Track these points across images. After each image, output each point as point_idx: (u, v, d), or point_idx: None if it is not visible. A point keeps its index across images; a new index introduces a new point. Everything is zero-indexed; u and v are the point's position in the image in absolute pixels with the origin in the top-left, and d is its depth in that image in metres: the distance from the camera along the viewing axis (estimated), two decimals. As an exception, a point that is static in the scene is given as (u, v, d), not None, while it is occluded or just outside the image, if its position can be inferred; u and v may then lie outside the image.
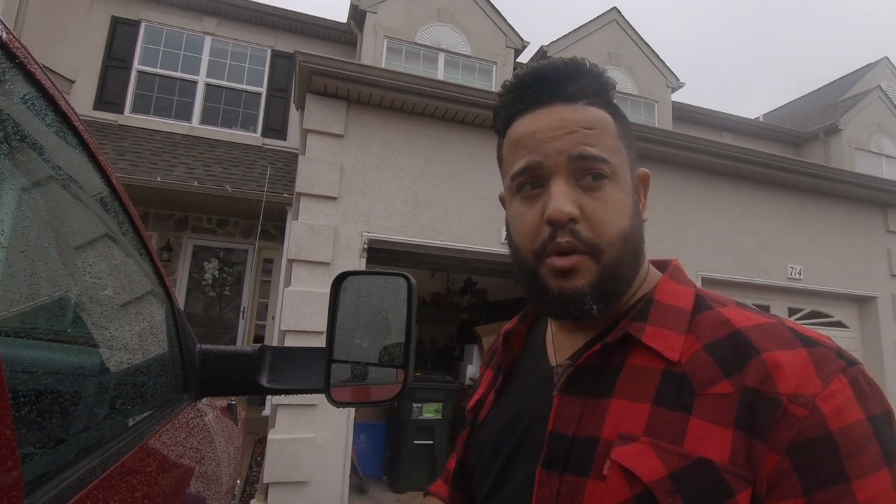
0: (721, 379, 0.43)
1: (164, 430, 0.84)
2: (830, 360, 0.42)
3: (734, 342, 0.45)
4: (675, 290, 0.53)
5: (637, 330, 0.49)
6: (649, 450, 0.43)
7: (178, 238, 6.41)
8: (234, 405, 1.65)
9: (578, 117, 0.51)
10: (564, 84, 0.53)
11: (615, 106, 0.56)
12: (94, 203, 0.82)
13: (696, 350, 0.46)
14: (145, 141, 6.20)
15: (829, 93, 11.87)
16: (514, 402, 0.59)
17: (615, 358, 0.50)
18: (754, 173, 5.11)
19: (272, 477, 3.34)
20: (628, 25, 8.52)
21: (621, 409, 0.46)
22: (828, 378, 0.41)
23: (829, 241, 5.46)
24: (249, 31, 7.31)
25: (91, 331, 0.78)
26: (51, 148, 0.66)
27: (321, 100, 3.88)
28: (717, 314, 0.49)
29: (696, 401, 0.43)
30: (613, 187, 0.51)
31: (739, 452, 0.40)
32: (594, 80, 0.54)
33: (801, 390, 0.40)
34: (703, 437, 0.42)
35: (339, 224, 3.76)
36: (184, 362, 1.09)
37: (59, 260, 0.72)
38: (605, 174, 0.50)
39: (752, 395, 0.41)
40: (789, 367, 0.41)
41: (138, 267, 1.00)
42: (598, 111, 0.53)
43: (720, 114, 9.36)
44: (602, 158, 0.50)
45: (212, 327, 6.58)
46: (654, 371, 0.47)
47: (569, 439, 0.48)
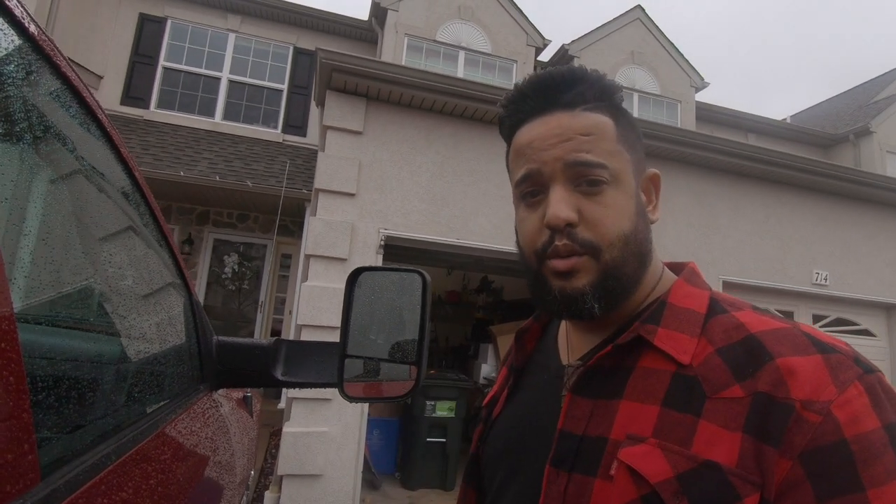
0: (733, 383, 0.43)
1: (180, 419, 0.85)
2: (847, 366, 0.41)
3: (748, 346, 0.44)
4: (690, 293, 0.53)
5: (649, 332, 0.49)
6: (657, 451, 0.43)
7: (199, 232, 6.53)
8: (250, 397, 1.67)
9: (575, 124, 0.53)
10: (562, 92, 0.54)
11: (619, 109, 0.56)
12: (117, 196, 0.84)
13: (708, 353, 0.46)
14: (170, 136, 6.32)
15: (860, 94, 11.51)
16: (526, 400, 0.60)
17: (627, 359, 0.50)
18: (779, 175, 4.99)
19: (286, 469, 3.38)
20: (652, 24, 8.38)
21: (631, 410, 0.47)
22: (843, 385, 0.40)
23: (857, 247, 5.30)
24: (272, 29, 7.40)
25: (111, 320, 0.80)
26: (76, 141, 0.68)
27: (341, 97, 3.91)
28: (732, 318, 0.48)
29: (707, 404, 0.43)
30: (614, 190, 0.52)
31: (748, 457, 0.40)
32: (593, 85, 0.55)
33: (816, 396, 0.40)
34: (711, 440, 0.42)
35: (356, 220, 3.78)
36: (201, 353, 1.11)
37: (83, 250, 0.73)
38: (603, 179, 0.51)
39: (764, 399, 0.41)
40: (803, 373, 0.41)
41: (159, 259, 1.01)
42: (597, 116, 0.54)
43: (745, 115, 9.15)
44: (598, 164, 0.51)
45: (231, 320, 6.69)
46: (664, 373, 0.47)
47: (578, 438, 0.49)
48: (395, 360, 1.00)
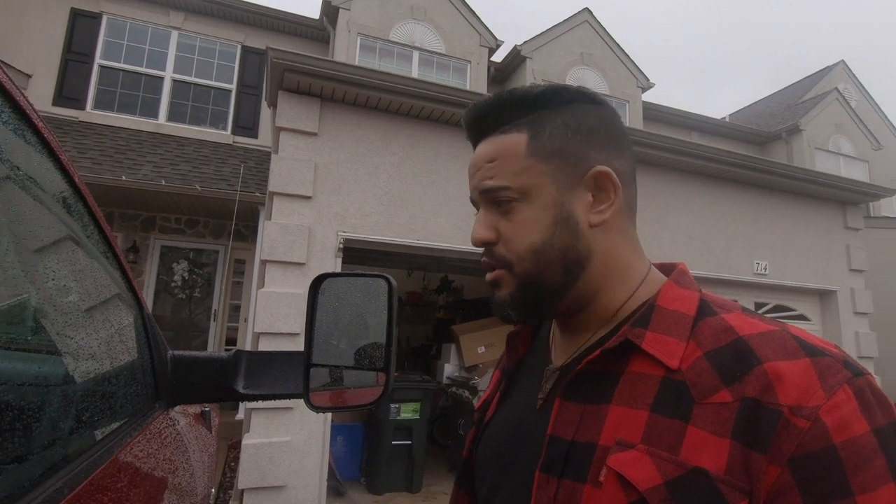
0: (721, 388, 0.43)
1: (136, 441, 0.80)
2: (835, 370, 0.41)
3: (736, 350, 0.44)
4: (679, 295, 0.52)
5: (637, 336, 0.49)
6: (646, 457, 0.43)
7: (144, 239, 6.21)
8: (208, 412, 1.60)
9: (485, 152, 0.57)
10: (480, 123, 0.58)
11: (540, 121, 0.55)
12: (54, 203, 0.77)
13: (697, 357, 0.46)
14: (109, 138, 5.97)
15: (790, 94, 12.31)
16: (518, 404, 0.60)
17: (616, 364, 0.50)
18: (723, 172, 5.26)
19: (247, 482, 3.27)
20: (599, 26, 8.64)
21: (620, 415, 0.46)
22: (832, 389, 0.40)
23: (793, 238, 5.66)
24: (218, 27, 7.13)
25: (53, 338, 0.74)
26: (7, 145, 0.62)
27: (294, 97, 3.81)
28: (721, 321, 0.48)
29: (695, 409, 0.43)
30: (524, 206, 0.54)
31: (736, 463, 0.40)
32: (513, 104, 0.56)
33: (804, 402, 0.39)
34: (699, 446, 0.41)
35: (313, 224, 3.69)
36: (155, 369, 1.04)
37: (18, 263, 0.67)
38: (511, 198, 0.54)
39: (751, 405, 0.41)
40: (791, 378, 0.41)
41: (104, 270, 0.95)
42: (507, 138, 0.56)
43: (689, 114, 9.59)
44: (500, 187, 0.55)
45: (182, 330, 6.40)
46: (653, 378, 0.47)
47: (567, 444, 0.48)
48: (363, 367, 0.97)
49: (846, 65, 12.01)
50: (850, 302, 5.80)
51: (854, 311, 5.79)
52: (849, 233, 6.01)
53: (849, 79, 11.88)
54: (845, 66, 12.00)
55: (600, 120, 0.56)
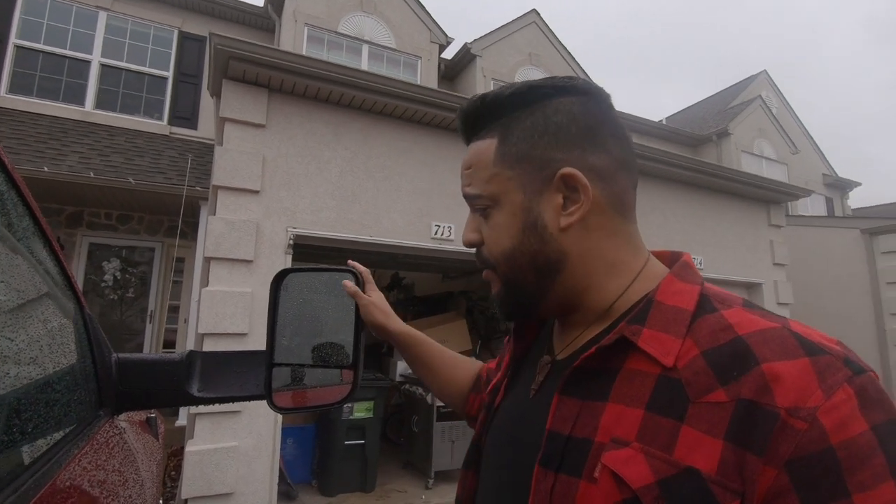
0: (717, 387, 0.42)
1: (83, 454, 0.73)
2: (835, 369, 0.40)
3: (734, 350, 0.44)
4: (679, 290, 0.51)
5: (634, 333, 0.48)
6: (640, 456, 0.43)
7: (70, 236, 5.74)
8: (154, 418, 1.49)
9: (465, 159, 0.59)
10: (465, 126, 0.60)
11: (509, 125, 0.56)
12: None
13: (693, 356, 0.45)
14: (28, 126, 5.47)
15: (720, 100, 13.14)
16: (520, 394, 0.61)
17: (613, 360, 0.49)
18: (662, 171, 5.53)
19: (191, 492, 3.10)
20: (546, 27, 8.85)
21: (616, 413, 0.46)
22: (831, 389, 0.39)
23: (724, 234, 6.05)
24: (152, 10, 6.69)
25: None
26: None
27: (239, 87, 3.63)
28: (720, 318, 0.47)
29: (690, 408, 0.43)
30: (497, 212, 0.56)
31: (729, 464, 0.39)
32: (485, 108, 0.57)
33: (802, 403, 0.39)
34: (693, 445, 0.41)
35: (261, 219, 3.55)
36: (98, 374, 0.96)
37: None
38: (486, 205, 0.56)
39: (747, 406, 0.40)
40: (789, 379, 0.40)
41: (37, 266, 0.86)
42: (480, 144, 0.58)
43: (630, 116, 10.02)
44: (474, 195, 0.57)
45: (114, 333, 5.97)
46: (649, 376, 0.46)
47: (565, 439, 0.49)
48: (329, 364, 0.94)
49: (768, 74, 12.97)
50: (774, 293, 6.27)
51: (777, 302, 6.26)
52: (772, 229, 6.50)
53: (770, 87, 12.84)
54: (767, 75, 12.96)
55: (575, 114, 0.54)
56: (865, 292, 7.85)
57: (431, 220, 4.20)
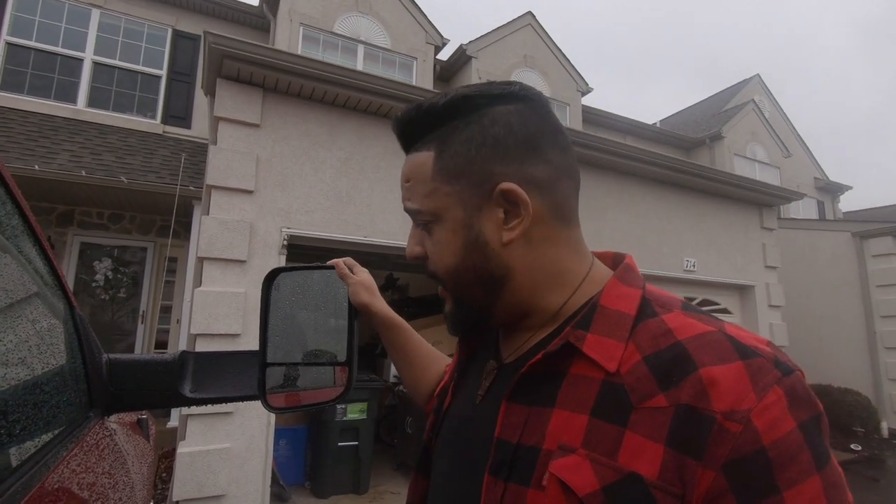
0: (657, 392, 0.43)
1: (72, 456, 0.72)
2: (766, 370, 0.41)
3: (673, 355, 0.44)
4: (622, 293, 0.52)
5: (578, 339, 0.48)
6: (586, 462, 0.43)
7: (61, 235, 5.68)
8: (145, 419, 1.48)
9: (403, 172, 0.57)
10: (402, 137, 0.58)
11: (445, 138, 0.53)
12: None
13: (636, 362, 0.46)
14: (17, 123, 5.41)
15: (713, 103, 13.24)
16: (467, 398, 0.60)
17: (559, 366, 0.49)
18: (655, 174, 5.56)
19: (183, 494, 3.07)
20: (542, 29, 8.87)
21: (562, 419, 0.46)
22: (762, 391, 0.40)
23: (717, 237, 6.09)
24: (145, 8, 6.64)
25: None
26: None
27: (234, 86, 3.61)
28: (661, 323, 0.48)
29: (633, 414, 0.43)
30: (439, 228, 0.54)
31: (670, 468, 0.40)
32: (421, 117, 0.55)
33: (736, 406, 0.40)
34: (636, 451, 0.42)
35: (255, 219, 3.53)
36: (88, 375, 0.95)
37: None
38: (428, 220, 0.55)
39: (686, 411, 0.41)
40: (725, 383, 0.41)
41: (26, 265, 0.85)
42: (417, 157, 0.55)
43: (624, 118, 10.07)
44: (416, 210, 0.55)
45: (105, 334, 5.91)
46: (594, 381, 0.47)
47: (513, 447, 0.48)
48: (324, 362, 0.93)
49: (761, 78, 13.09)
50: (766, 296, 6.32)
51: (769, 304, 6.31)
52: (764, 232, 6.55)
53: (763, 91, 12.95)
54: (760, 79, 13.07)
55: (512, 125, 0.52)
56: (856, 295, 7.92)
57: (426, 221, 4.19)
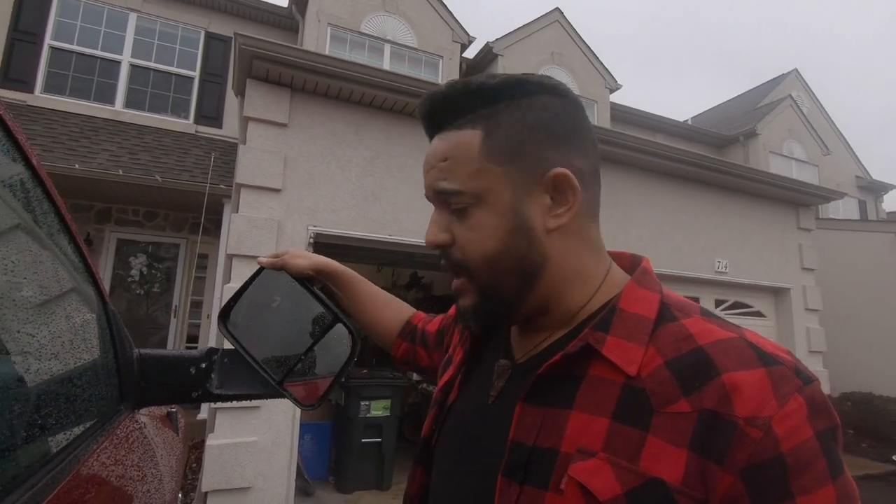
0: (680, 398, 0.43)
1: (102, 448, 0.74)
2: (787, 379, 0.42)
3: (695, 360, 0.44)
4: (640, 297, 0.51)
5: (598, 341, 0.48)
6: (606, 466, 0.43)
7: (99, 231, 5.89)
8: (175, 413, 1.52)
9: (438, 150, 0.53)
10: (435, 114, 0.55)
11: (496, 116, 0.52)
12: (8, 189, 0.70)
13: (657, 365, 0.46)
14: (60, 124, 5.64)
15: (747, 99, 12.82)
16: (475, 396, 0.59)
17: (576, 368, 0.49)
18: (686, 172, 5.41)
19: (211, 485, 3.15)
20: (570, 26, 8.75)
21: (581, 422, 0.46)
22: (783, 399, 0.41)
23: (750, 237, 5.90)
24: (180, 10, 6.83)
25: (2, 336, 0.67)
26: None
27: (263, 86, 3.68)
28: (681, 327, 0.48)
29: (655, 418, 0.43)
30: (480, 211, 0.51)
31: (693, 474, 0.40)
32: (467, 95, 0.52)
33: (758, 412, 0.40)
34: (658, 455, 0.42)
35: (282, 217, 3.59)
36: (119, 369, 0.98)
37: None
38: (467, 204, 0.51)
39: (709, 416, 0.41)
40: (748, 389, 0.41)
41: (63, 263, 0.87)
42: (461, 134, 0.52)
43: (653, 115, 9.85)
44: (453, 191, 0.52)
45: (139, 327, 6.12)
46: (614, 384, 0.46)
47: (529, 449, 0.48)
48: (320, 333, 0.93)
49: (799, 73, 12.61)
50: (802, 299, 6.09)
51: (805, 308, 6.08)
52: (801, 233, 6.31)
53: (801, 86, 12.47)
54: (798, 74, 12.59)
55: (562, 115, 0.52)
56: (900, 299, 7.56)
57: (451, 220, 4.19)
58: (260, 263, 0.88)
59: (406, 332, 0.90)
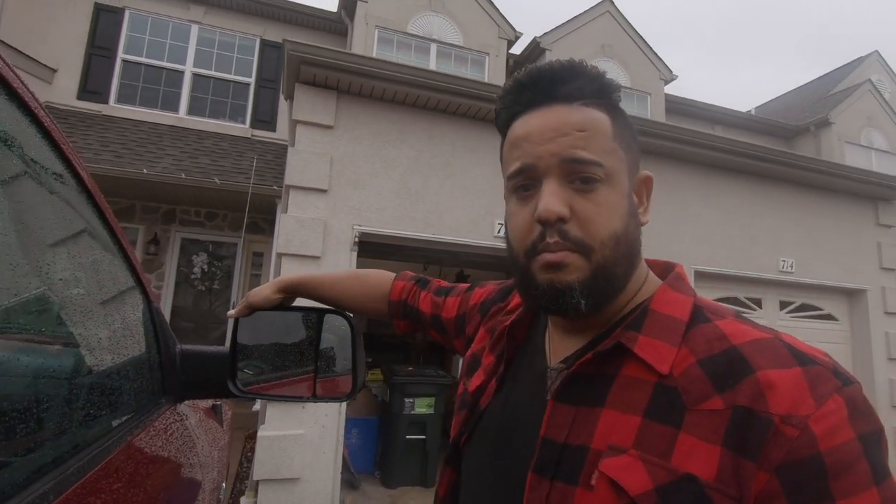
0: (713, 395, 0.43)
1: (139, 438, 0.78)
2: (825, 379, 0.41)
3: (729, 358, 0.44)
4: (673, 299, 0.52)
5: (630, 340, 0.49)
6: (637, 463, 0.43)
7: (165, 231, 6.30)
8: (220, 405, 1.59)
9: (572, 119, 0.52)
10: (560, 85, 0.53)
11: (616, 108, 0.55)
12: (59, 197, 0.76)
13: (689, 364, 0.46)
14: (130, 132, 6.06)
15: (820, 86, 11.90)
16: (513, 400, 0.59)
17: (608, 366, 0.49)
18: (747, 166, 5.10)
19: (262, 474, 3.29)
20: (621, 17, 8.45)
21: (612, 419, 0.47)
22: (822, 398, 0.40)
23: (821, 235, 5.48)
24: (237, 20, 7.16)
25: (55, 332, 0.73)
26: (13, 140, 0.60)
27: (310, 90, 3.80)
28: (715, 328, 0.48)
29: (687, 416, 0.43)
30: (607, 189, 0.51)
31: (727, 470, 0.40)
32: (593, 80, 0.54)
33: (794, 410, 0.40)
34: (690, 452, 0.42)
35: (329, 217, 3.69)
36: (162, 364, 1.03)
37: (23, 257, 0.66)
38: (597, 177, 0.50)
39: (743, 413, 0.41)
40: (783, 387, 0.41)
41: (112, 264, 0.94)
42: (594, 112, 0.53)
43: (712, 106, 9.35)
44: (594, 161, 0.50)
45: (202, 322, 6.49)
46: (646, 383, 0.47)
47: (560, 446, 0.48)
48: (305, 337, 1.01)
49: (880, 55, 11.56)
50: (881, 301, 5.59)
51: (885, 311, 5.58)
52: (880, 230, 5.79)
53: (883, 69, 11.43)
54: (879, 56, 11.54)
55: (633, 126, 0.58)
56: None
57: (495, 219, 4.16)
58: (230, 317, 0.97)
59: (397, 311, 0.93)
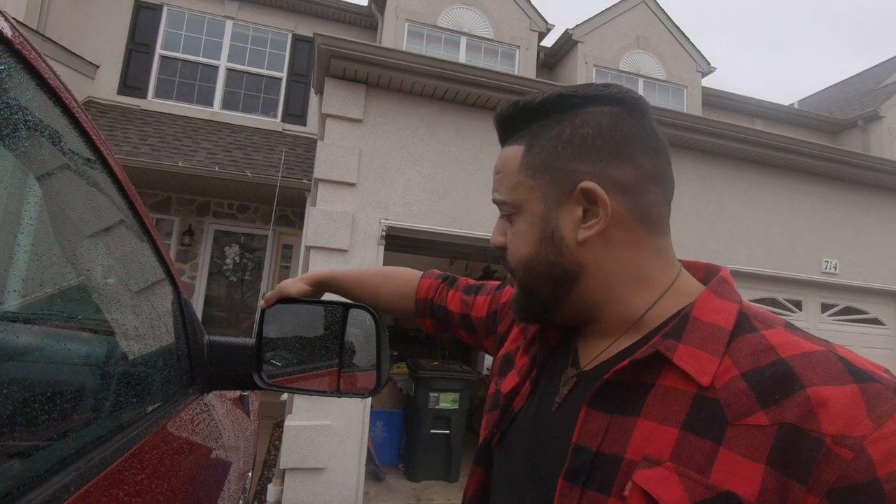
0: (757, 410, 0.41)
1: (166, 427, 0.79)
2: (886, 398, 0.38)
3: (776, 372, 0.42)
4: (716, 306, 0.49)
5: (669, 349, 0.47)
6: (674, 476, 0.41)
7: (199, 223, 6.47)
8: (247, 396, 1.62)
9: (496, 164, 0.60)
10: (501, 128, 0.61)
11: (539, 130, 0.55)
12: (91, 191, 0.77)
13: (733, 377, 0.43)
14: (167, 126, 6.23)
15: (868, 78, 11.30)
16: (545, 402, 0.59)
17: (646, 375, 0.48)
18: (788, 162, 4.89)
19: (289, 463, 3.36)
20: (657, 6, 8.20)
21: (648, 430, 0.45)
22: (880, 419, 0.37)
23: (868, 235, 5.21)
24: (270, 15, 7.27)
25: (88, 322, 0.74)
26: (47, 135, 0.61)
27: (340, 84, 3.82)
28: (762, 339, 0.45)
29: (728, 430, 0.41)
30: (519, 219, 0.56)
31: (770, 491, 0.38)
32: (517, 114, 0.57)
33: (849, 431, 0.37)
34: (731, 469, 0.40)
35: (357, 211, 3.71)
36: (191, 355, 1.05)
37: (59, 251, 0.67)
38: (510, 212, 0.57)
39: (790, 431, 0.39)
40: (836, 405, 0.38)
41: (142, 256, 0.95)
42: (509, 150, 0.58)
43: (752, 100, 8.99)
44: (501, 201, 0.58)
45: (233, 311, 6.66)
46: (685, 394, 0.45)
47: (592, 454, 0.47)
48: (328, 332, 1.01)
49: (937, 44, 10.87)
50: (932, 306, 5.29)
51: (936, 316, 5.28)
52: (934, 230, 5.47)
53: (939, 60, 10.77)
54: (936, 45, 10.87)
55: (603, 126, 0.52)
56: None
57: (522, 214, 4.11)
58: (262, 307, 0.98)
59: (424, 310, 0.95)
